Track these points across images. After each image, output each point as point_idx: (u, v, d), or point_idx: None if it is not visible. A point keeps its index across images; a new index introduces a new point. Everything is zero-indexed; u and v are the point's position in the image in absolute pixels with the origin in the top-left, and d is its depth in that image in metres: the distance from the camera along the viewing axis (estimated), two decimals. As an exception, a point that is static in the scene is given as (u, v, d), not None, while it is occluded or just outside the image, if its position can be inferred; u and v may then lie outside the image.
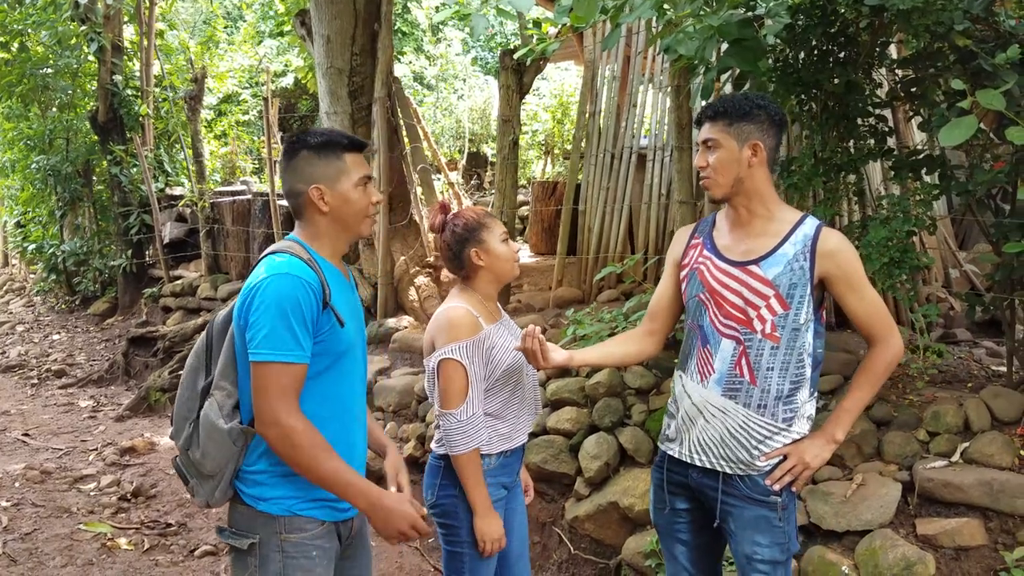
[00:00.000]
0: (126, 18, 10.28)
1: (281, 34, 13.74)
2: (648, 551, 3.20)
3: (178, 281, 9.03)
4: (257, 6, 15.07)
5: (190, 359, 1.96)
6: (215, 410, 1.83)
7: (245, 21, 15.78)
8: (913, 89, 3.36)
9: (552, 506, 3.80)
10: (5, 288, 13.95)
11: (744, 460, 2.06)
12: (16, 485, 4.93)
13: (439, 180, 7.40)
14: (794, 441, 2.07)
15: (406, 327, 5.87)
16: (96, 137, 10.12)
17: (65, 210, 11.06)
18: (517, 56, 4.89)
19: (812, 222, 2.05)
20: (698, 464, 2.11)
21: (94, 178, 10.72)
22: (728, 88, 3.54)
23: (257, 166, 12.68)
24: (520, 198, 8.71)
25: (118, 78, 9.77)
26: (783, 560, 2.07)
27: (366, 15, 6.16)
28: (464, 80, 13.88)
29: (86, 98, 10.75)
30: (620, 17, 2.86)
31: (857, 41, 3.30)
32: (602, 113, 5.62)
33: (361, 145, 1.96)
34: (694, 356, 2.14)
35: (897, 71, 3.60)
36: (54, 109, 10.90)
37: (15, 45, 10.06)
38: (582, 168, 5.81)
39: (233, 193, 9.20)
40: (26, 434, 6.17)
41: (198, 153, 9.38)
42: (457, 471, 2.22)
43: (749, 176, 2.03)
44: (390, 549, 4.04)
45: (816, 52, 3.33)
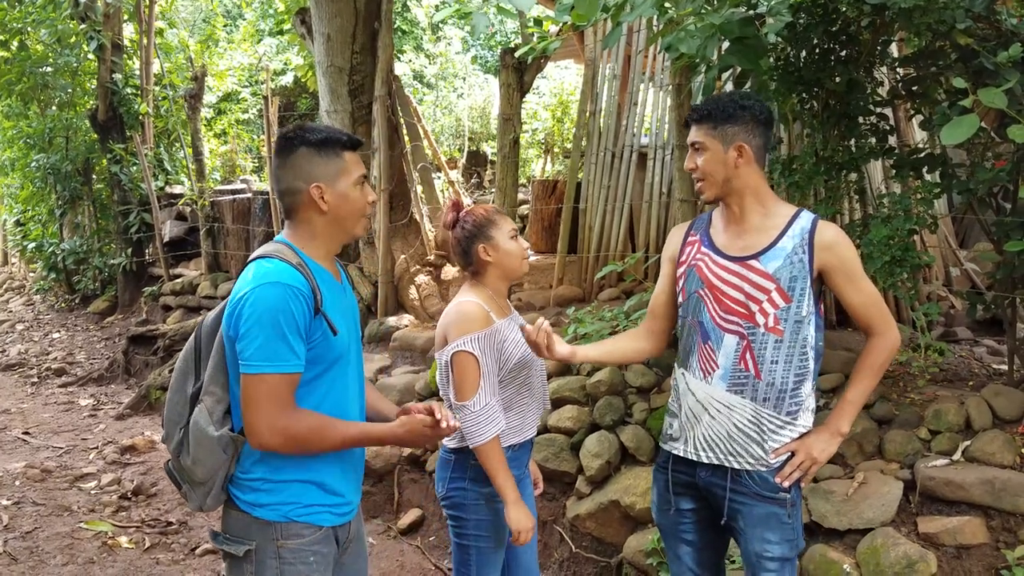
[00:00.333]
0: (126, 16, 10.28)
1: (281, 32, 13.72)
2: (649, 549, 3.20)
3: (178, 279, 9.03)
4: (257, 4, 15.07)
5: (179, 363, 1.92)
6: (205, 417, 1.80)
7: (245, 19, 15.78)
8: (914, 87, 3.36)
9: (553, 504, 3.79)
10: (5, 287, 13.96)
11: (754, 454, 2.06)
12: (17, 483, 4.93)
13: (439, 179, 7.39)
14: (800, 436, 2.07)
15: (406, 326, 5.87)
16: (96, 135, 10.13)
17: (65, 208, 11.06)
18: (518, 55, 4.89)
19: (808, 216, 2.06)
20: (705, 461, 2.11)
21: (94, 177, 10.72)
22: (729, 87, 3.54)
23: (257, 164, 12.68)
24: (520, 196, 8.70)
25: (118, 76, 9.77)
26: (791, 557, 2.08)
27: (366, 13, 6.16)
28: (464, 78, 13.88)
29: (86, 96, 10.75)
30: (621, 15, 2.85)
31: (858, 39, 3.30)
32: (603, 112, 5.61)
33: (358, 143, 1.94)
34: (695, 353, 2.14)
35: (898, 69, 3.60)
36: (54, 107, 10.91)
37: (15, 43, 10.06)
38: (583, 167, 5.80)
39: (233, 191, 9.20)
40: (26, 433, 6.17)
41: (198, 151, 9.38)
42: (481, 463, 2.24)
43: (737, 176, 2.06)
44: (391, 548, 4.05)
45: (817, 50, 3.33)
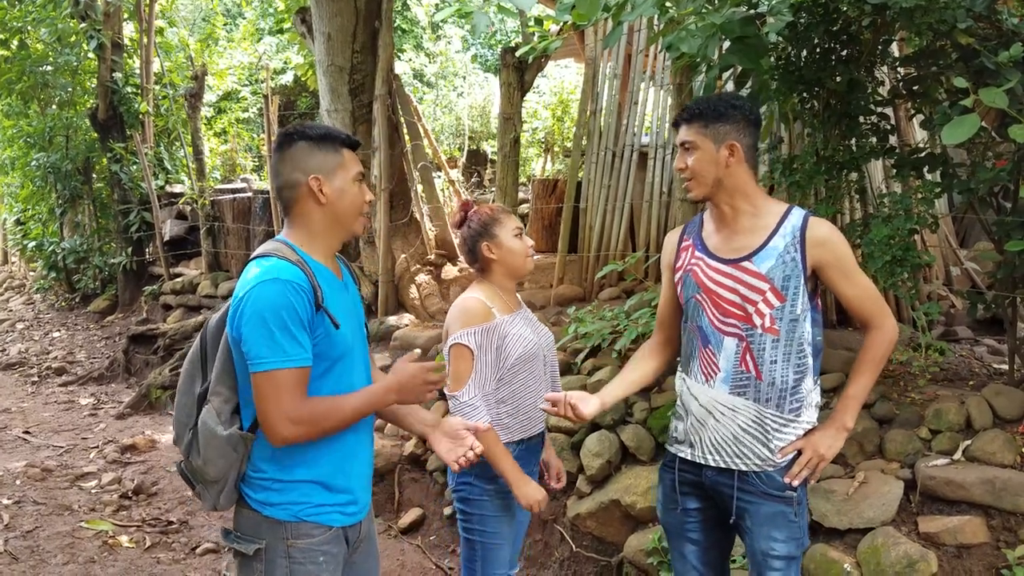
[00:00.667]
0: (126, 15, 10.28)
1: (281, 31, 13.70)
2: (650, 549, 3.20)
3: (178, 279, 9.04)
4: (256, 3, 15.05)
5: (186, 364, 1.94)
6: (213, 417, 1.81)
7: (244, 18, 15.77)
8: (915, 87, 3.36)
9: (554, 504, 3.80)
10: (5, 286, 13.96)
11: (760, 455, 2.06)
12: (17, 483, 4.93)
13: (439, 178, 7.39)
14: (805, 433, 2.08)
15: (407, 325, 5.87)
16: (96, 134, 10.12)
17: (65, 208, 11.06)
18: (519, 54, 4.89)
19: (799, 212, 2.06)
20: (712, 464, 2.11)
21: (94, 176, 10.72)
22: (730, 86, 3.54)
23: (257, 163, 12.68)
24: (520, 196, 8.70)
25: (118, 75, 9.77)
26: (797, 556, 2.09)
27: (367, 12, 6.15)
28: (464, 77, 13.88)
29: (86, 95, 10.75)
30: (622, 15, 2.85)
31: (859, 39, 3.30)
32: (603, 111, 5.61)
33: (357, 144, 1.95)
34: (696, 357, 2.15)
35: (899, 69, 3.60)
36: (54, 106, 10.91)
37: (15, 42, 10.06)
38: (583, 166, 5.80)
39: (233, 190, 9.21)
40: (27, 432, 6.17)
41: (198, 150, 9.38)
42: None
43: (728, 175, 2.06)
44: (392, 547, 4.05)
45: (818, 50, 3.33)
